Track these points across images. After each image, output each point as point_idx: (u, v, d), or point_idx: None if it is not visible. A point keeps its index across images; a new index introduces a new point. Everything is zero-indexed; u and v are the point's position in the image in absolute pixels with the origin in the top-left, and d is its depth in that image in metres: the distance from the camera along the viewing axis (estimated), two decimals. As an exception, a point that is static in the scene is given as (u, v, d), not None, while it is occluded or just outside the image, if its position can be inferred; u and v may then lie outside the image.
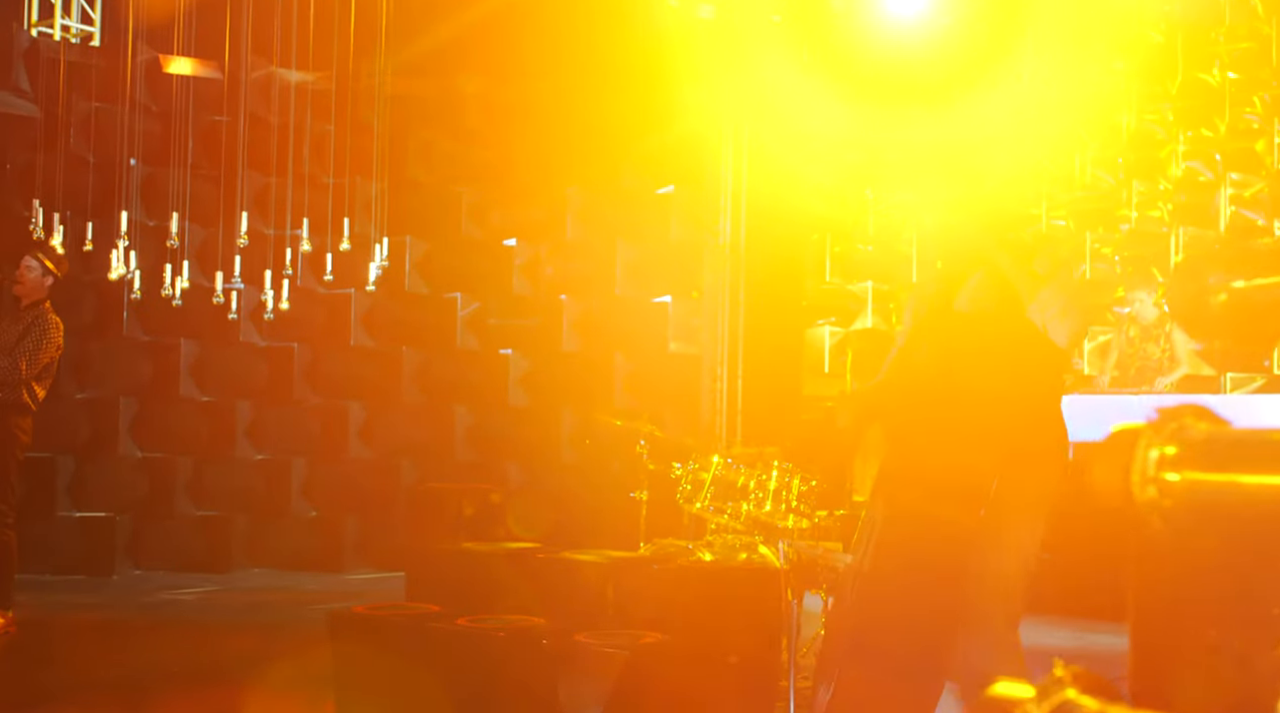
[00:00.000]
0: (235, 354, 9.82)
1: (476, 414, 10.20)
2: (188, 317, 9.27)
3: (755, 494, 5.54)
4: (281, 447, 9.87)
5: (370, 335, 10.11)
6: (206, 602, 8.23)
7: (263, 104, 9.81)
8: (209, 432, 9.70)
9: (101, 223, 8.76)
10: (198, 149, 9.55)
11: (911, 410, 3.57)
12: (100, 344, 9.42)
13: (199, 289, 9.22)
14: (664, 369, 10.08)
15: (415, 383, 10.15)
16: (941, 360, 3.57)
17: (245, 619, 7.58)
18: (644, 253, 10.28)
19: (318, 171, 9.86)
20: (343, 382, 10.02)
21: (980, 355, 3.50)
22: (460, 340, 10.19)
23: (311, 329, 9.95)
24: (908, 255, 11.14)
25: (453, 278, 10.29)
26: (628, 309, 10.22)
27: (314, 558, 9.72)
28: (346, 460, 9.92)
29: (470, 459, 10.08)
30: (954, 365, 3.54)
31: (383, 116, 9.63)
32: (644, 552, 5.32)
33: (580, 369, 10.19)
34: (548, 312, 10.25)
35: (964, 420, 3.45)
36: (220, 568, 9.41)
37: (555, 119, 10.35)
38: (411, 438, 10.12)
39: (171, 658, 6.21)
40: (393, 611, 4.95)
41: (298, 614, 7.84)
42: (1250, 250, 2.72)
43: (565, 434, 10.06)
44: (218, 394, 9.75)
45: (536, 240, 10.38)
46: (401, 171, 9.97)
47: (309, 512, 9.86)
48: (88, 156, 9.35)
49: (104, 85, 9.21)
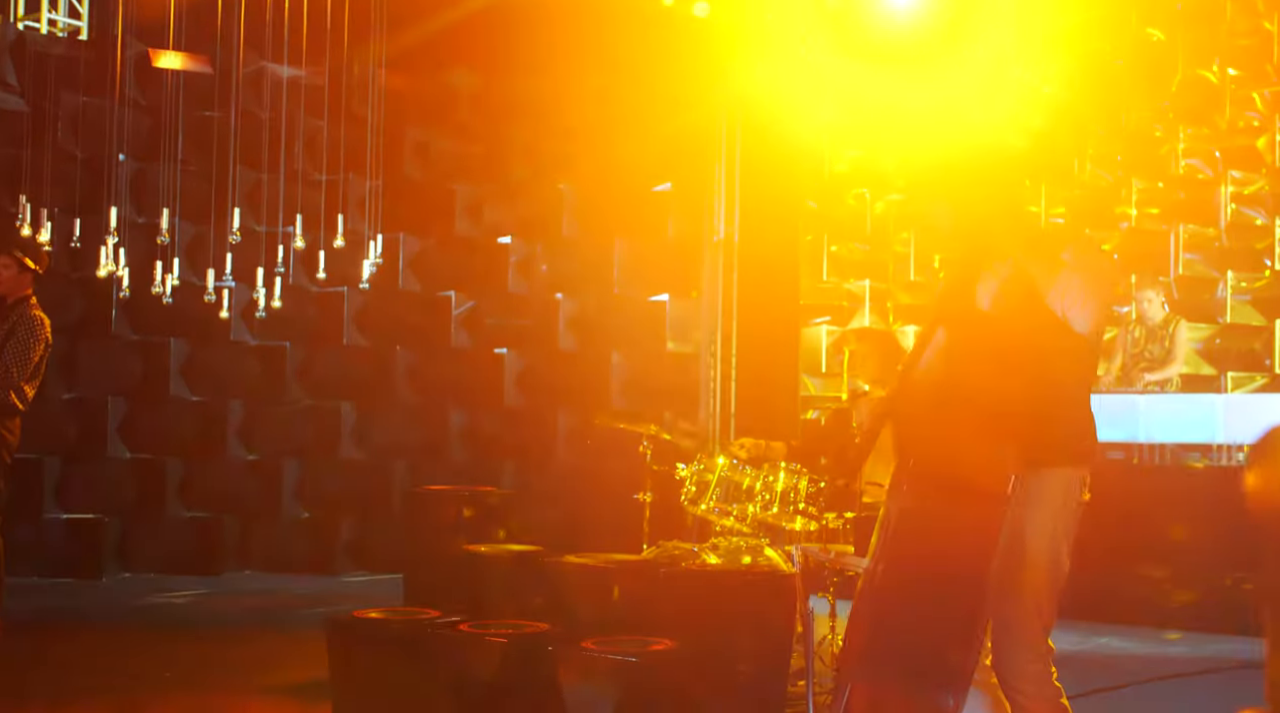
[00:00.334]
0: (226, 353, 9.67)
1: (471, 415, 10.07)
2: (177, 315, 9.11)
3: (762, 496, 5.43)
4: (273, 447, 9.72)
5: (363, 334, 9.97)
6: (198, 605, 8.10)
7: (254, 99, 9.67)
8: (199, 432, 9.55)
9: (90, 219, 8.61)
10: (188, 145, 9.40)
11: (929, 409, 3.47)
12: (88, 343, 9.26)
13: (189, 287, 9.08)
14: (662, 369, 9.97)
15: (409, 383, 10.01)
16: (962, 358, 3.46)
17: (238, 623, 7.45)
18: (641, 251, 10.16)
19: (310, 168, 9.73)
20: (335, 381, 9.88)
21: (1001, 354, 3.40)
22: (454, 339, 10.05)
23: (303, 328, 9.80)
24: (904, 255, 11.06)
25: (447, 276, 10.15)
26: (625, 308, 10.10)
27: (306, 560, 9.59)
28: (339, 461, 9.78)
29: (464, 460, 9.95)
30: (974, 363, 3.44)
31: (376, 112, 9.50)
32: (649, 555, 5.21)
33: (577, 369, 10.07)
34: (543, 310, 10.12)
35: (983, 419, 3.36)
36: (211, 571, 9.28)
37: (550, 115, 10.24)
38: (405, 439, 9.98)
39: (165, 664, 6.08)
40: (392, 615, 4.83)
41: (292, 618, 7.72)
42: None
43: (561, 435, 9.94)
44: (208, 394, 9.60)
45: (532, 238, 10.25)
46: (395, 168, 9.82)
47: (301, 513, 9.72)
48: (75, 152, 9.20)
49: (92, 80, 9.06)
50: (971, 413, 3.37)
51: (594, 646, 4.27)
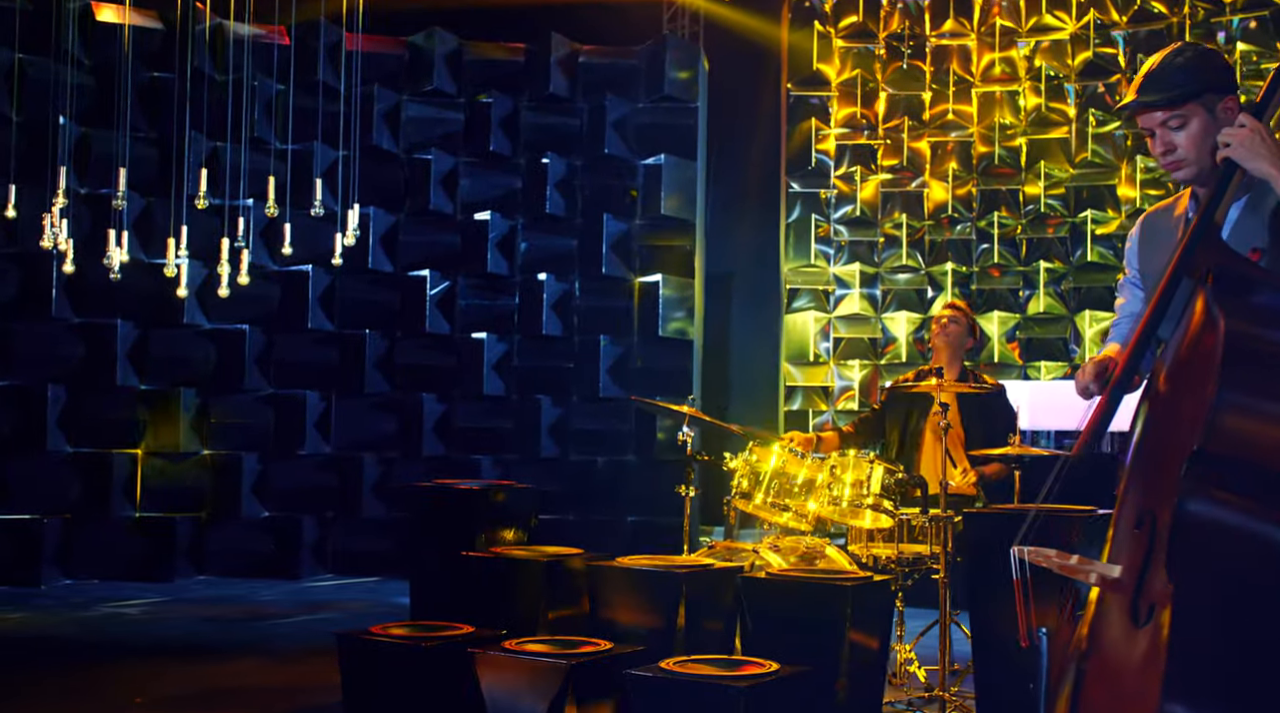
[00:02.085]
0: (179, 337, 8.85)
1: (447, 404, 9.34)
2: (125, 295, 8.34)
3: (828, 489, 4.79)
4: (231, 440, 8.94)
5: (330, 317, 9.20)
6: (155, 616, 7.28)
7: (210, 60, 8.86)
8: (149, 424, 8.74)
9: (29, 188, 7.79)
10: (137, 109, 8.57)
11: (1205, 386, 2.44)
12: (25, 325, 8.41)
13: (138, 264, 8.32)
14: (655, 354, 9.33)
15: (379, 370, 9.25)
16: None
17: (203, 636, 6.65)
18: (632, 228, 9.50)
19: (270, 136, 8.94)
20: (299, 368, 9.10)
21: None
22: (429, 323, 9.30)
23: (264, 310, 9.01)
24: (896, 237, 10.56)
25: (421, 254, 9.39)
26: (615, 289, 9.43)
27: (268, 564, 8.86)
28: (303, 455, 9.00)
29: (440, 453, 9.23)
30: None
31: (343, 76, 8.76)
32: (708, 558, 4.56)
33: (562, 354, 9.39)
34: (526, 292, 9.41)
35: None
36: (162, 576, 8.50)
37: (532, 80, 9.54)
38: (375, 430, 9.24)
39: (128, 686, 5.30)
40: (420, 633, 4.13)
41: (261, 630, 6.96)
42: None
43: (545, 424, 9.25)
44: (159, 382, 8.78)
45: (513, 214, 9.52)
46: (364, 137, 9.02)
47: (261, 512, 8.95)
48: (11, 115, 8.35)
49: (31, 36, 8.17)
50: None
51: (679, 668, 3.61)
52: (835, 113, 10.87)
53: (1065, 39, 10.40)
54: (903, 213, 10.73)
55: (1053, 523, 2.42)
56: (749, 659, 3.66)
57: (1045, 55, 10.48)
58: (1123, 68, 10.18)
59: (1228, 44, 9.75)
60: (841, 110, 10.87)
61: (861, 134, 10.83)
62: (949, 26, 10.69)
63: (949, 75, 10.66)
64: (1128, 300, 3.01)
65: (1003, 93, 10.58)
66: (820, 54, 10.82)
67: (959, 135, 10.68)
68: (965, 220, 10.63)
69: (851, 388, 10.79)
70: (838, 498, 4.78)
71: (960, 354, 5.63)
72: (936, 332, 5.62)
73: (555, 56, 9.49)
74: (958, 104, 10.64)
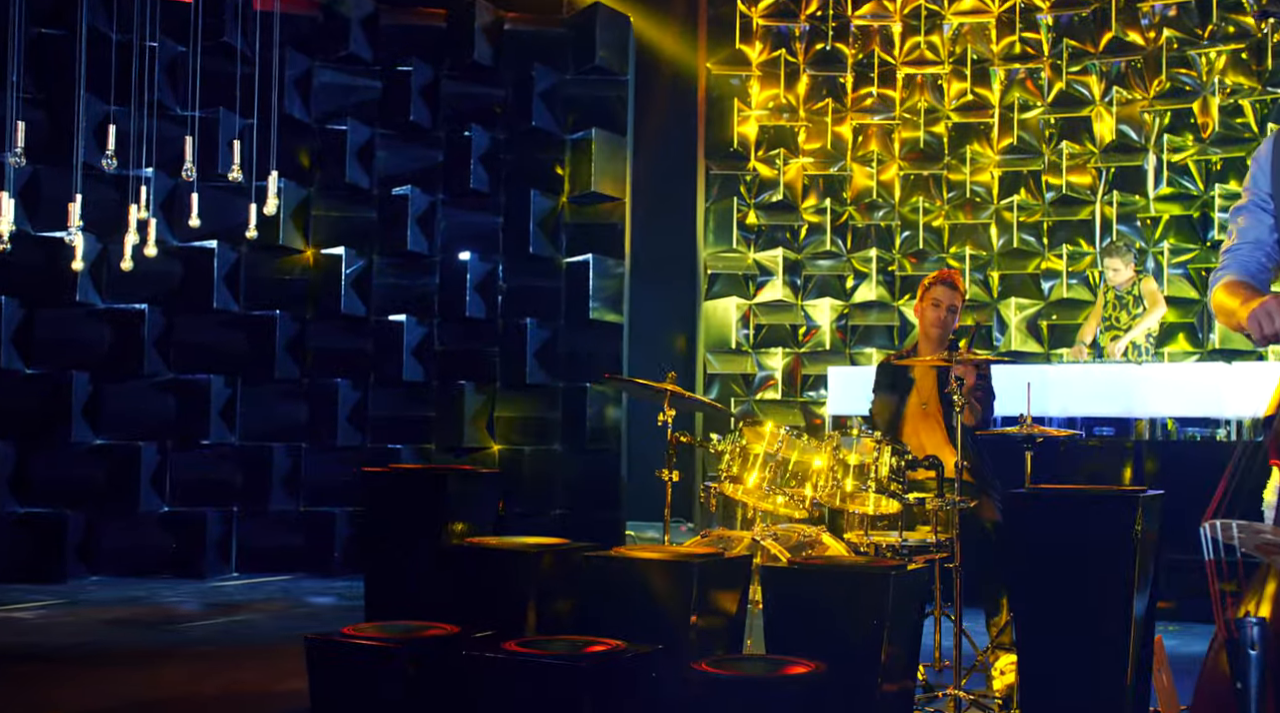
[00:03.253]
0: (69, 318, 8.15)
1: (363, 390, 8.80)
2: (10, 271, 7.64)
3: (828, 472, 4.48)
4: (127, 430, 8.26)
5: (236, 297, 8.58)
6: (50, 621, 6.63)
7: (105, 17, 8.17)
8: (37, 411, 8.03)
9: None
10: (25, 69, 7.83)
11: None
12: (-104, 304, 7.65)
13: (24, 238, 7.63)
14: (584, 338, 8.93)
15: (290, 354, 8.66)
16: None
17: (112, 643, 6.04)
18: (560, 206, 9.08)
19: (172, 101, 8.30)
20: (202, 352, 8.47)
21: None
22: (344, 304, 8.74)
23: (164, 289, 8.36)
24: (819, 223, 10.33)
25: (335, 231, 8.83)
26: (542, 269, 9.00)
27: (169, 562, 8.24)
28: (206, 446, 8.39)
29: (356, 443, 8.69)
30: None
31: (251, 38, 8.16)
32: (710, 546, 4.20)
33: (486, 337, 8.93)
34: (447, 272, 8.92)
35: None
36: (53, 577, 7.83)
37: (456, 49, 9.05)
38: (285, 419, 8.66)
39: (34, 697, 4.72)
40: (401, 635, 3.68)
41: (176, 635, 6.38)
42: None
43: (469, 412, 8.79)
44: (48, 366, 8.08)
45: (434, 189, 9.01)
46: (273, 104, 8.42)
47: (161, 507, 8.30)
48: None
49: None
50: None
51: (710, 667, 3.26)
52: (756, 94, 10.61)
53: (990, 23, 10.30)
54: (825, 198, 10.52)
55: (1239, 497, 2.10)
56: (788, 659, 3.32)
57: (969, 39, 10.37)
58: (1045, 53, 10.11)
59: (1150, 30, 9.75)
60: (763, 92, 10.61)
61: (782, 116, 10.60)
62: (870, 8, 10.51)
63: (873, 58, 10.48)
64: (1249, 224, 2.73)
65: (925, 77, 10.44)
66: (741, 34, 10.55)
67: (882, 119, 10.52)
68: (888, 206, 10.47)
69: (773, 377, 10.55)
70: (840, 482, 4.47)
71: (949, 334, 5.34)
72: (935, 319, 5.24)
73: (479, 23, 9.02)
74: (881, 88, 10.47)
